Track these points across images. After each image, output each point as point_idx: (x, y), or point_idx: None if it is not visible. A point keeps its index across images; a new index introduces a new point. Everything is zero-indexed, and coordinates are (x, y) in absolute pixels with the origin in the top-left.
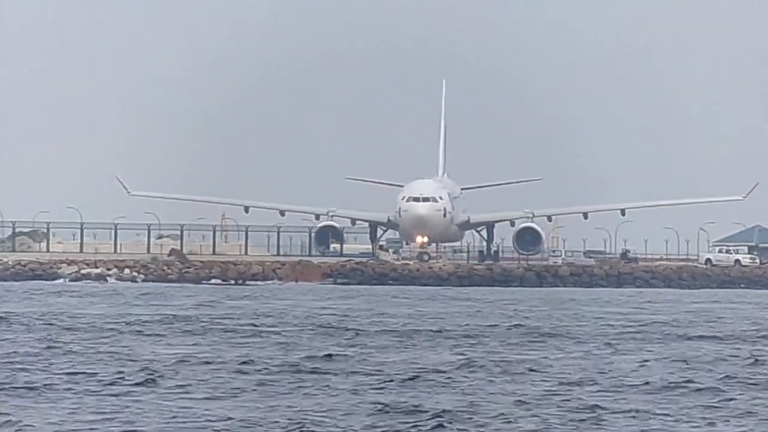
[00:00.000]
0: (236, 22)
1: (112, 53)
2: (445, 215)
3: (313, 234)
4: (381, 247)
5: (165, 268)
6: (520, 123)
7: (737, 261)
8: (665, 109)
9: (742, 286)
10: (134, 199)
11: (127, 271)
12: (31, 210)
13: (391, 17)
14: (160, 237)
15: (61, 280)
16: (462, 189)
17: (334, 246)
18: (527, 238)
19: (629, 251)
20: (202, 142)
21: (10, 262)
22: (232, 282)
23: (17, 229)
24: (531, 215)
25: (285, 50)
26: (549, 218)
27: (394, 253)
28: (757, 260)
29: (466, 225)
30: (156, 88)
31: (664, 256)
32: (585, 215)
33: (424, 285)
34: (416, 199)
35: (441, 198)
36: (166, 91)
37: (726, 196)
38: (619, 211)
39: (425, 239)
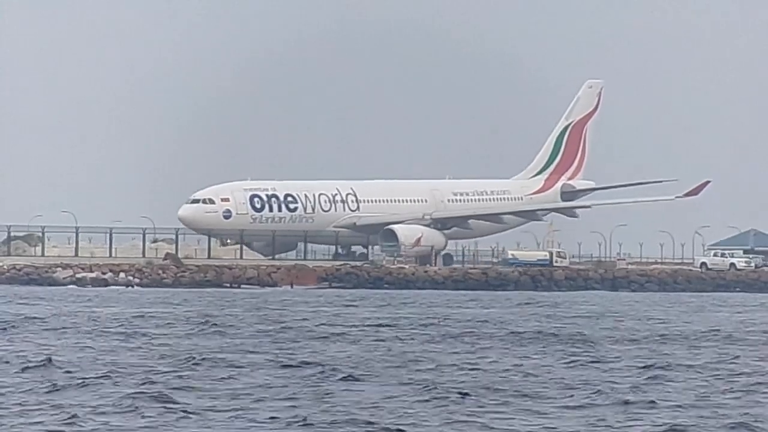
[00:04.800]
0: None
1: (105, 55)
2: (228, 217)
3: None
4: (559, 254)
5: (160, 272)
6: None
7: (732, 265)
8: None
9: (738, 289)
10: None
11: (122, 275)
12: (26, 214)
13: (392, 14)
14: (155, 241)
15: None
16: (578, 190)
17: (512, 253)
18: (389, 239)
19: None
20: (198, 142)
21: (5, 266)
22: (227, 286)
23: (12, 234)
24: (429, 218)
25: (285, 49)
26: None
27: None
28: (752, 264)
29: (354, 227)
30: (149, 86)
31: (659, 260)
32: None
33: (420, 289)
34: (188, 201)
35: (224, 200)
36: (160, 89)
37: (663, 195)
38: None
39: (227, 239)
